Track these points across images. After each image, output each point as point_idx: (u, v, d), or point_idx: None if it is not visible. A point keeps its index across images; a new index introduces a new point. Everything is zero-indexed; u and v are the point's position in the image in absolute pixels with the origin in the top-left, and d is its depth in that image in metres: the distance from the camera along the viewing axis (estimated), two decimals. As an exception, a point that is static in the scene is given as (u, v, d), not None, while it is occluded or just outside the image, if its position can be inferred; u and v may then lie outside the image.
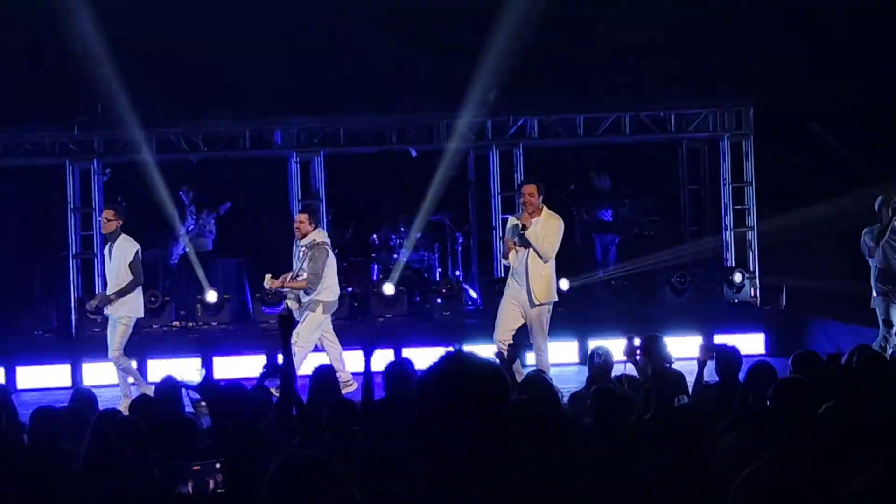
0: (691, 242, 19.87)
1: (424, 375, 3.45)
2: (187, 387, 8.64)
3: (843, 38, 18.88)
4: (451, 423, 3.33)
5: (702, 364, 10.36)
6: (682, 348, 13.09)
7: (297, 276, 14.51)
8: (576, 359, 16.84)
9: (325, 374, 9.78)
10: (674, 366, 10.28)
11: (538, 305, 13.63)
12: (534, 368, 11.73)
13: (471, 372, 3.40)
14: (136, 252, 14.33)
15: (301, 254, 14.55)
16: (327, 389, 9.40)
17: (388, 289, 18.14)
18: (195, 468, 5.82)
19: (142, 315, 14.76)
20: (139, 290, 14.41)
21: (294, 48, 18.98)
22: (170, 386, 9.42)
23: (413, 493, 5.05)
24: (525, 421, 5.95)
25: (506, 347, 12.52)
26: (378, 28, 18.79)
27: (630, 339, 10.70)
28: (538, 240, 13.46)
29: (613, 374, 10.58)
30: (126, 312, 14.22)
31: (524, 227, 13.46)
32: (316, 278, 14.45)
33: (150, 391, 11.94)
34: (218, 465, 5.80)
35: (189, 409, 9.09)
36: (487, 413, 3.35)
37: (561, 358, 15.99)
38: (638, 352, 10.45)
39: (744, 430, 7.07)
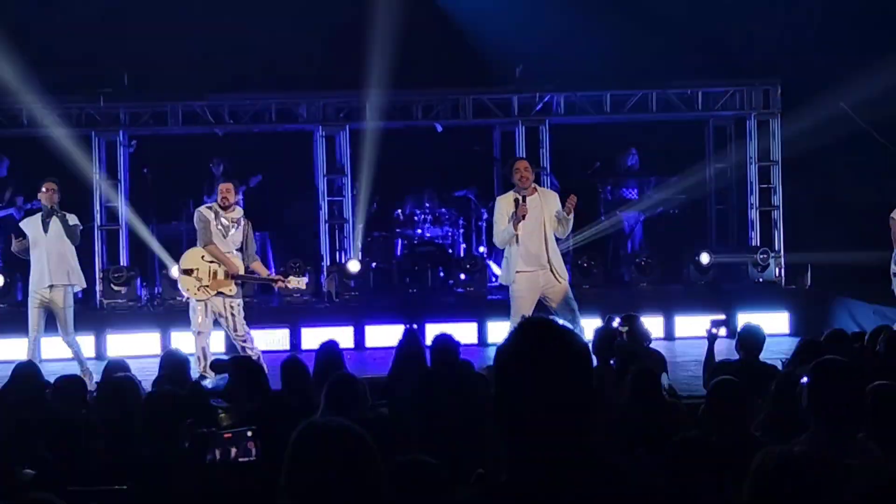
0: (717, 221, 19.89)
1: (502, 347, 3.25)
2: (212, 392, 8.68)
3: (872, 17, 18.74)
4: (534, 395, 3.13)
5: (711, 340, 10.28)
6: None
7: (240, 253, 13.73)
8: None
9: (330, 351, 9.79)
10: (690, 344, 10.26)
11: (562, 282, 13.06)
12: None
13: (552, 341, 3.20)
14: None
15: (235, 227, 13.70)
16: (332, 364, 9.43)
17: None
18: (227, 436, 5.81)
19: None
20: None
21: (320, 22, 18.95)
22: (174, 359, 9.53)
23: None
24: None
25: None
26: (404, 2, 18.70)
27: (610, 320, 10.67)
28: (566, 221, 13.02)
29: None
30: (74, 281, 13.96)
31: (522, 216, 12.74)
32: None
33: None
34: (250, 434, 5.80)
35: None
36: (572, 383, 3.16)
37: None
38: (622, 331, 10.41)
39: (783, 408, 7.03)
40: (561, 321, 3.31)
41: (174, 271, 16.01)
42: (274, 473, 3.84)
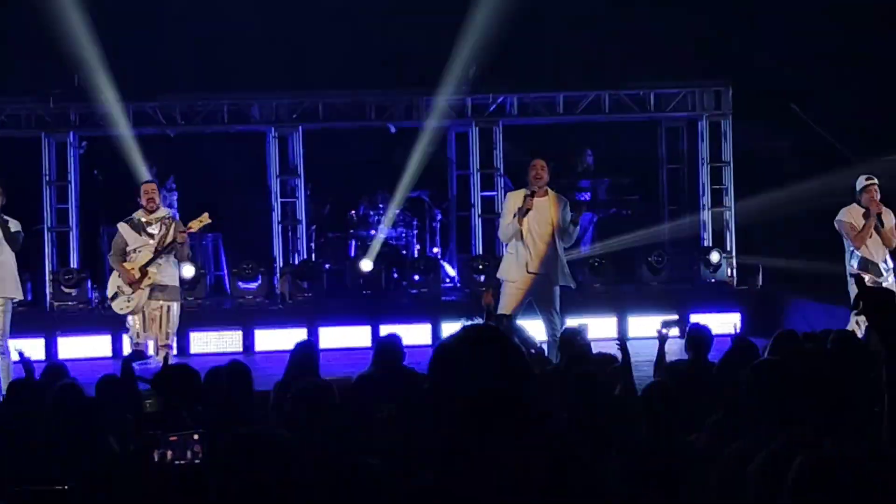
0: (669, 222, 19.95)
1: (441, 346, 3.33)
2: (140, 378, 8.58)
3: (823, 20, 18.86)
4: (469, 397, 3.20)
5: (662, 341, 10.25)
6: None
7: (160, 249, 13.68)
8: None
9: (307, 350, 9.71)
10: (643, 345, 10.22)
11: (555, 287, 13.27)
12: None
13: (492, 346, 3.27)
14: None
15: (158, 226, 13.69)
16: (307, 366, 9.34)
17: (366, 265, 18.04)
18: (172, 438, 5.84)
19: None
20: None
21: (274, 22, 18.90)
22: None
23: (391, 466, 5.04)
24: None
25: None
26: (360, 3, 18.67)
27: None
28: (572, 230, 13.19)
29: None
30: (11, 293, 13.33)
31: (527, 210, 12.91)
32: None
33: None
34: (196, 437, 5.83)
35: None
36: (507, 388, 3.22)
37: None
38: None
39: (724, 410, 7.03)
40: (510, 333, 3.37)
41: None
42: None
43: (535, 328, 12.86)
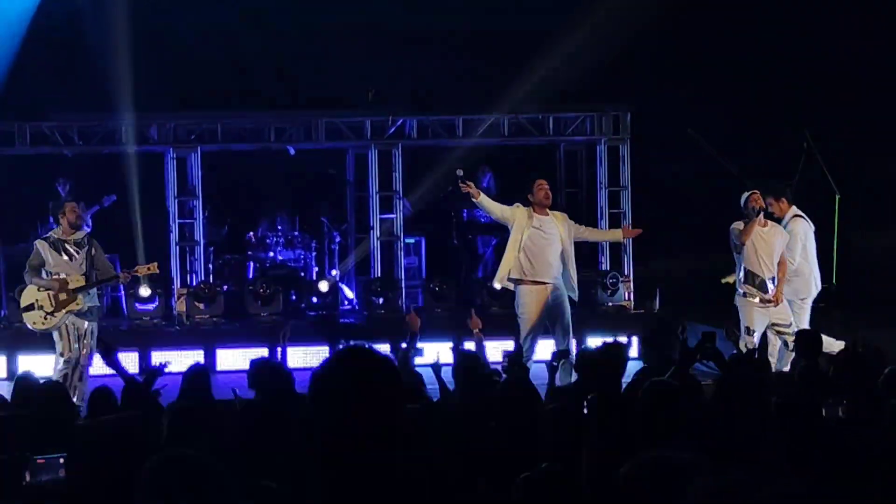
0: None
1: (318, 370, 3.40)
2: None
3: (718, 44, 19.13)
4: (346, 418, 3.28)
5: (552, 372, 10.39)
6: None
7: (88, 274, 13.35)
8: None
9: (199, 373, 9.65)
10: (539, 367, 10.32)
11: None
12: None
13: (365, 367, 3.35)
14: None
15: (80, 251, 13.42)
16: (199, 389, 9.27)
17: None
18: (39, 461, 5.80)
19: None
20: None
21: (171, 43, 18.78)
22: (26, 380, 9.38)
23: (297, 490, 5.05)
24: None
25: None
26: (254, 23, 18.62)
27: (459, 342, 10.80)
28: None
29: None
30: None
31: None
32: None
33: None
34: (62, 460, 5.80)
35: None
36: (382, 408, 3.31)
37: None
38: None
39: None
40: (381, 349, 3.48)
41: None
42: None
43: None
